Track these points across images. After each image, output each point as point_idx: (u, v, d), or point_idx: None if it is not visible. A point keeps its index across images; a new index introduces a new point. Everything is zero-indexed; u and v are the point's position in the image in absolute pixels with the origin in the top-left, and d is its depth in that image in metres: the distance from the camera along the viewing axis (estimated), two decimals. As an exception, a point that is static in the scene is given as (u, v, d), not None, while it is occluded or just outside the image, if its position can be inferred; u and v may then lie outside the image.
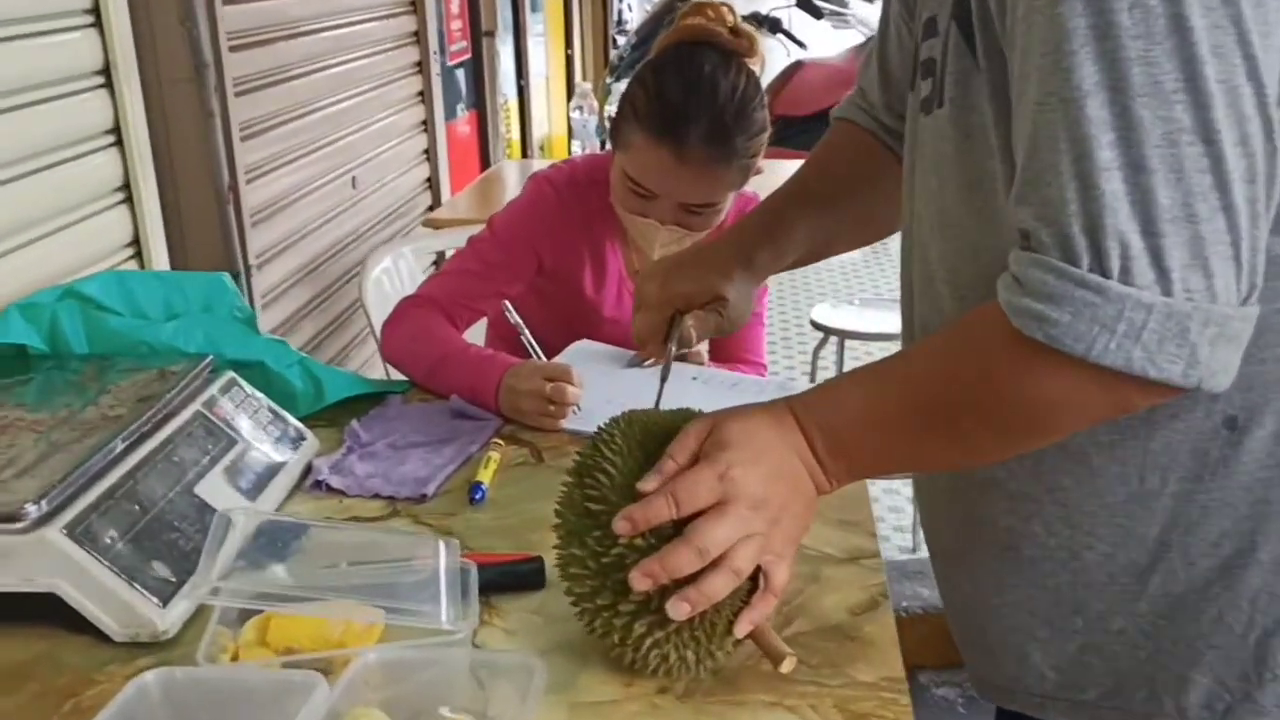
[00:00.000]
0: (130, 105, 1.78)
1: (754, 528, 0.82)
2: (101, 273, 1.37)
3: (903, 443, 0.84)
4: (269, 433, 1.23)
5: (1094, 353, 0.69)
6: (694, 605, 0.81)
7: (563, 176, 1.67)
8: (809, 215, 1.14)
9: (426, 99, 3.44)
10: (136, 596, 0.93)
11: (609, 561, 0.84)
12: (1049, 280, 0.69)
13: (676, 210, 1.53)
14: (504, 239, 1.64)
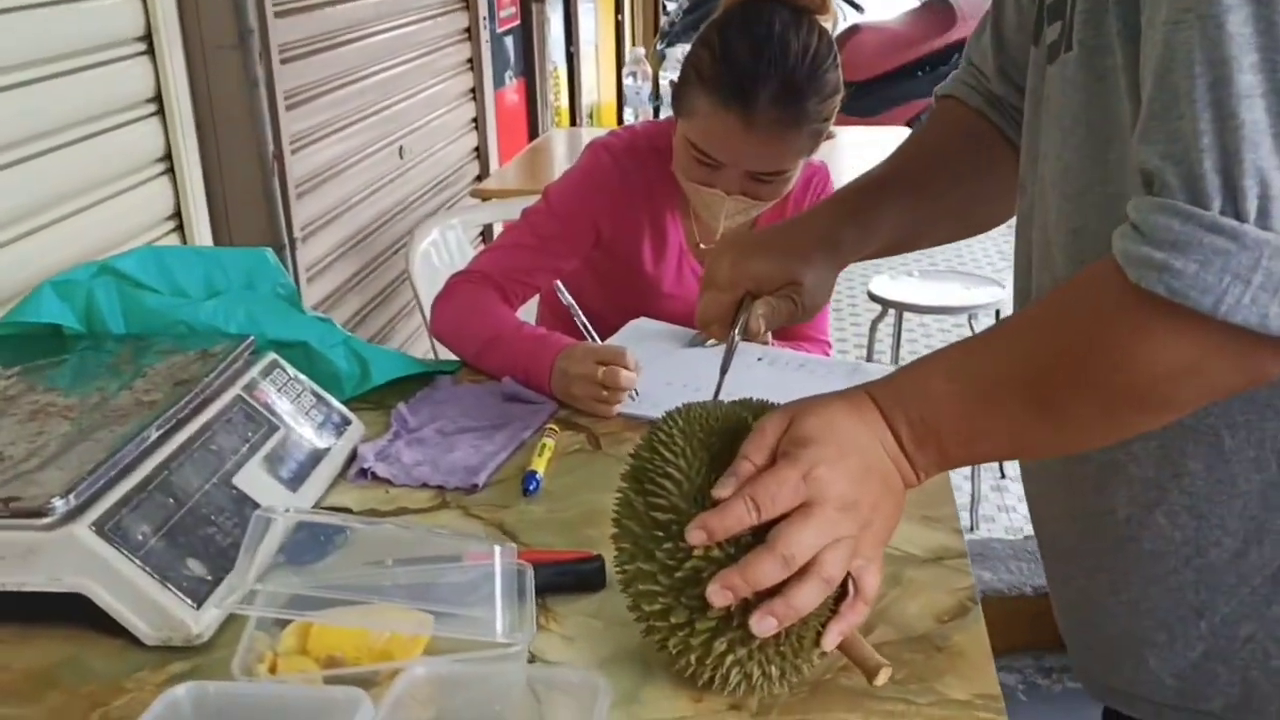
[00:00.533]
0: (172, 72, 1.73)
1: (843, 531, 0.74)
2: (139, 248, 1.31)
3: (999, 427, 0.76)
4: (312, 418, 1.16)
5: (1224, 308, 0.61)
6: (781, 620, 0.73)
7: (622, 144, 1.58)
8: (901, 200, 1.02)
9: (475, 66, 3.37)
10: (169, 598, 0.87)
11: (683, 576, 0.76)
12: (1174, 225, 0.61)
13: (743, 179, 1.45)
14: (560, 210, 1.56)
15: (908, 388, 0.78)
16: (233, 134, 2.02)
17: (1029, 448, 0.83)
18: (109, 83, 1.59)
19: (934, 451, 0.77)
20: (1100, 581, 0.86)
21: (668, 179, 1.55)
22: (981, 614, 0.92)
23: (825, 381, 1.35)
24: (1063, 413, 0.72)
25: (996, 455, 0.84)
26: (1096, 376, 0.69)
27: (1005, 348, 0.76)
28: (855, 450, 0.76)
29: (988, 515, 2.88)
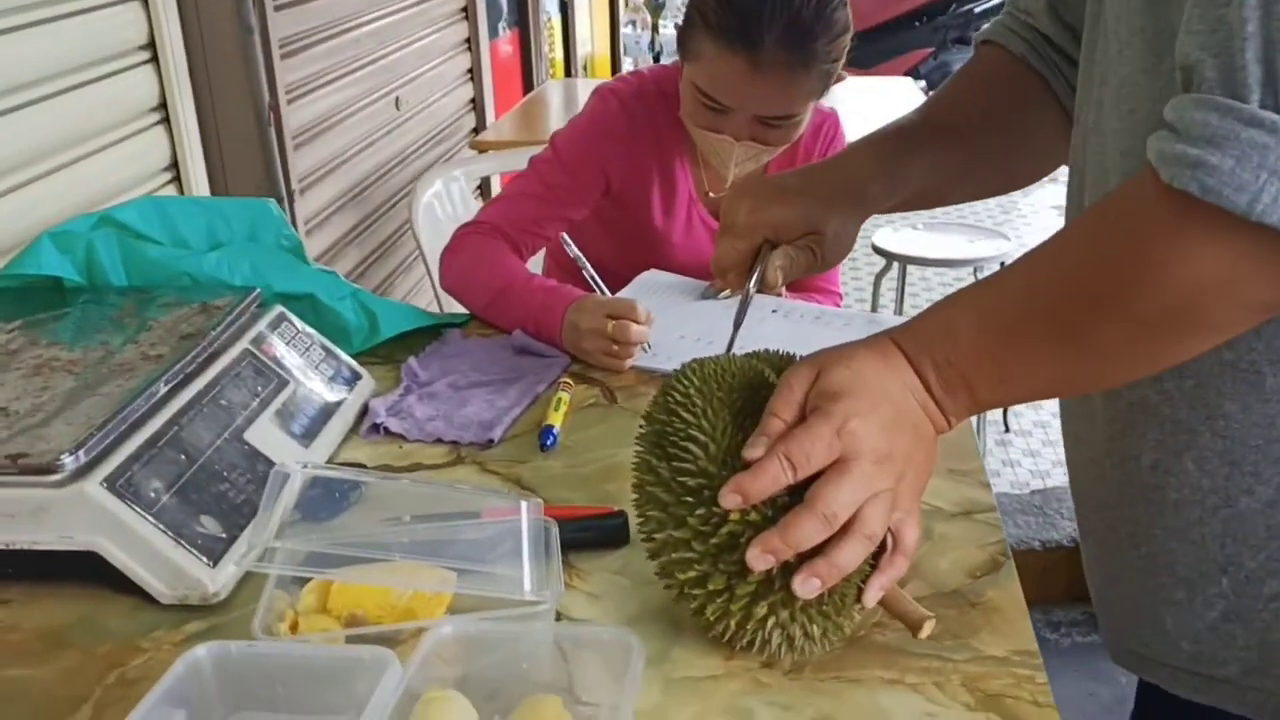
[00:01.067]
0: (165, 18, 1.68)
1: (880, 485, 0.72)
2: (139, 198, 1.27)
3: (1028, 363, 0.73)
4: (321, 372, 1.13)
5: (1260, 206, 0.57)
6: (825, 580, 0.71)
7: (629, 89, 1.54)
8: (932, 149, 0.97)
9: (470, 15, 3.31)
10: (184, 555, 0.84)
11: (719, 542, 0.73)
12: (1211, 120, 0.58)
13: (752, 124, 1.41)
14: (567, 158, 1.52)
15: (933, 329, 0.75)
16: (227, 83, 1.98)
17: (1059, 384, 0.78)
18: (100, 29, 1.54)
19: (964, 394, 0.75)
20: (1122, 534, 0.83)
21: (676, 125, 1.52)
22: (1014, 569, 0.91)
23: (841, 334, 1.32)
24: (1090, 341, 0.68)
25: (1028, 394, 0.77)
26: (1126, 294, 0.65)
27: (1030, 276, 0.73)
28: (886, 400, 0.73)
29: (993, 470, 2.88)
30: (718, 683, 0.78)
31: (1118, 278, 0.65)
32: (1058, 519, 2.37)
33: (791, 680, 0.78)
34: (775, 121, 1.42)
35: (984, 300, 0.75)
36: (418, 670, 0.71)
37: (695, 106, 1.43)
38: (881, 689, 0.78)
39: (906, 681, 0.78)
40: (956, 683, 0.78)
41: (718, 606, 0.75)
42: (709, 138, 1.44)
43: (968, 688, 0.78)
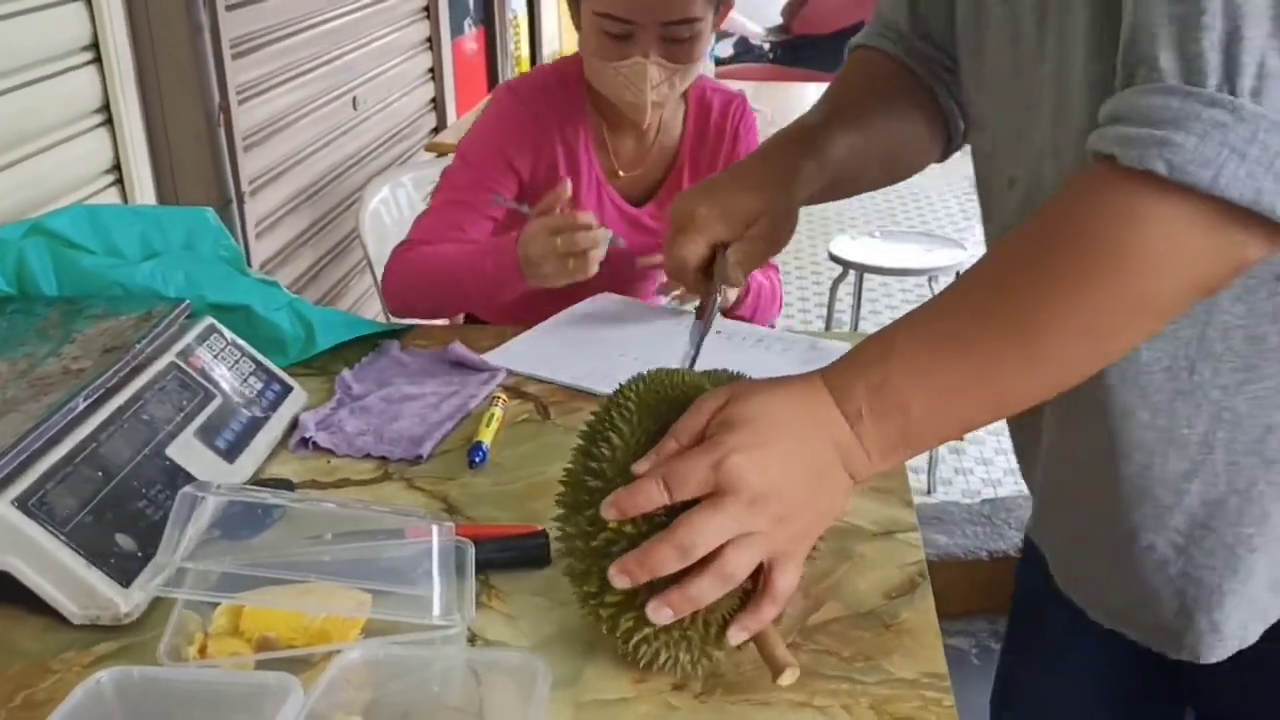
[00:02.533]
0: (110, 18, 1.66)
1: (752, 525, 0.71)
2: (72, 206, 1.26)
3: (974, 370, 0.69)
4: (251, 385, 1.13)
5: (1222, 180, 0.59)
6: (676, 610, 0.71)
7: (526, 84, 1.62)
8: (848, 132, 0.99)
9: (431, 14, 3.29)
10: (97, 576, 0.84)
11: (596, 546, 0.75)
12: (1171, 104, 0.60)
13: (658, 41, 1.47)
14: (476, 159, 1.58)
15: (869, 353, 0.73)
16: (176, 84, 1.96)
17: (1003, 396, 0.72)
18: (40, 30, 1.52)
19: (897, 419, 0.71)
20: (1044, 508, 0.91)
21: (578, 110, 1.58)
22: (930, 590, 0.92)
23: (781, 358, 1.33)
24: (1042, 339, 0.67)
25: (968, 412, 0.72)
26: (1082, 283, 0.65)
27: (973, 285, 0.71)
28: (782, 440, 0.72)
29: (945, 478, 2.89)
30: (628, 705, 0.79)
31: (1073, 268, 0.65)
32: (1005, 529, 2.39)
33: (701, 703, 0.79)
34: (678, 30, 1.47)
35: (924, 315, 0.73)
36: (322, 696, 0.71)
37: (600, 42, 1.48)
38: (790, 712, 0.78)
39: (815, 704, 0.79)
40: (865, 705, 0.79)
41: (590, 609, 0.77)
42: (621, 70, 1.49)
43: (876, 710, 0.79)
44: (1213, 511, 0.78)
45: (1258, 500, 0.77)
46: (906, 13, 1.00)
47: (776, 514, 0.71)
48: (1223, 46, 0.59)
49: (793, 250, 4.68)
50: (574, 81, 1.58)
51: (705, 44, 1.51)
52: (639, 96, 1.50)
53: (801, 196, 0.98)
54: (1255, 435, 0.75)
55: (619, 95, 1.53)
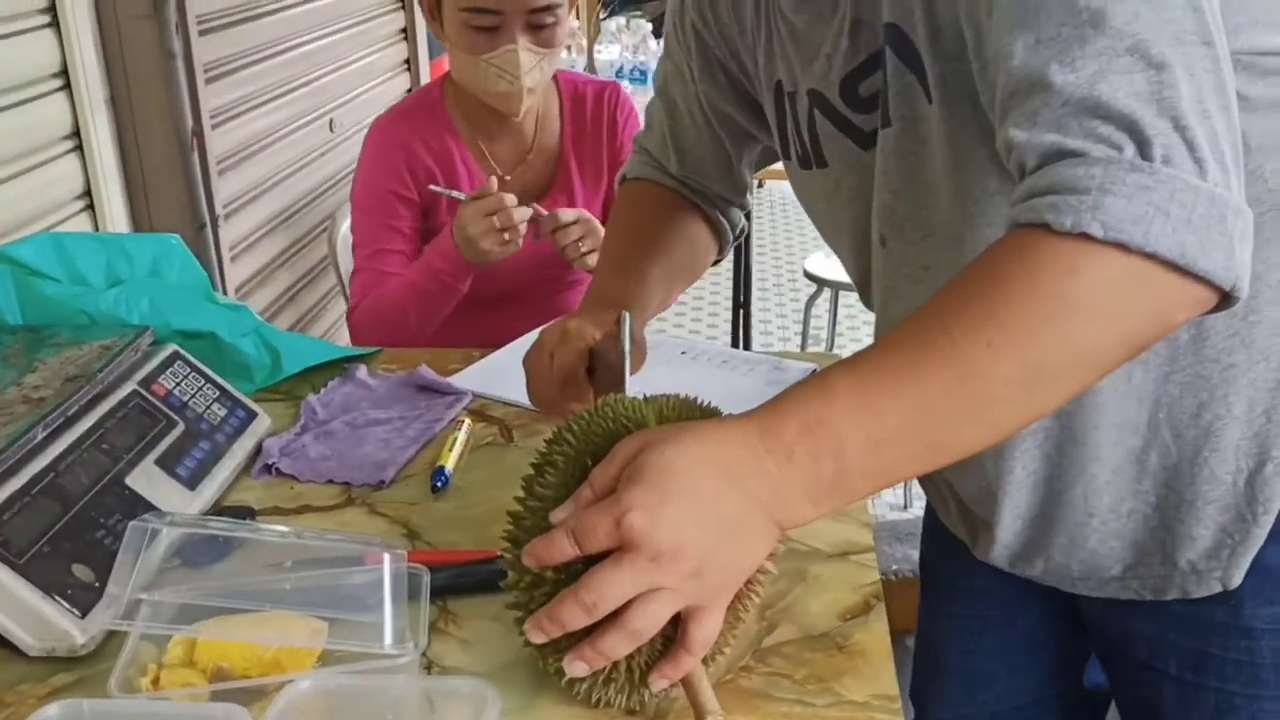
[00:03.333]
0: (79, 45, 1.67)
1: (658, 581, 0.70)
2: (37, 235, 1.26)
3: (912, 413, 0.69)
4: (214, 412, 1.13)
5: (1151, 237, 0.64)
6: (589, 663, 0.72)
7: (387, 117, 1.73)
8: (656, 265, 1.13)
9: (409, 36, 3.31)
10: (52, 607, 0.84)
11: (524, 587, 0.76)
12: (1095, 173, 0.66)
13: (526, 29, 1.56)
14: (369, 205, 1.67)
15: (807, 391, 0.73)
16: (149, 109, 1.97)
17: (940, 441, 0.73)
18: (7, 56, 1.53)
19: (831, 461, 0.70)
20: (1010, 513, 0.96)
21: (445, 129, 1.68)
22: (884, 612, 0.92)
23: (747, 379, 1.34)
24: (983, 388, 0.68)
25: (902, 457, 0.72)
26: (1025, 326, 0.67)
27: (915, 330, 0.71)
28: (687, 494, 0.70)
29: (920, 493, 2.90)
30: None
31: (1016, 318, 0.67)
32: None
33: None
34: (543, 17, 1.56)
35: (864, 359, 0.73)
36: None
37: (470, 38, 1.57)
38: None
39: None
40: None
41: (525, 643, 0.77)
42: (492, 61, 1.56)
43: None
44: (1170, 476, 0.90)
45: (1203, 464, 0.88)
46: (676, 161, 1.17)
47: (686, 569, 0.70)
48: (1126, 127, 0.66)
49: (768, 268, 4.70)
50: (436, 103, 1.69)
51: (565, 29, 1.61)
52: (514, 84, 1.58)
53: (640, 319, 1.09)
54: (1191, 411, 0.87)
55: (492, 88, 1.60)
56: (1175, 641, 0.96)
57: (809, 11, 0.91)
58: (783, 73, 0.97)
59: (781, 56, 0.96)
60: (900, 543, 2.49)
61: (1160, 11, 0.67)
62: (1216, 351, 0.86)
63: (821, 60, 0.91)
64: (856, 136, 0.92)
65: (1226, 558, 0.91)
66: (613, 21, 3.32)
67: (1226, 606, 0.93)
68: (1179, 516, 0.91)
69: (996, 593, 1.08)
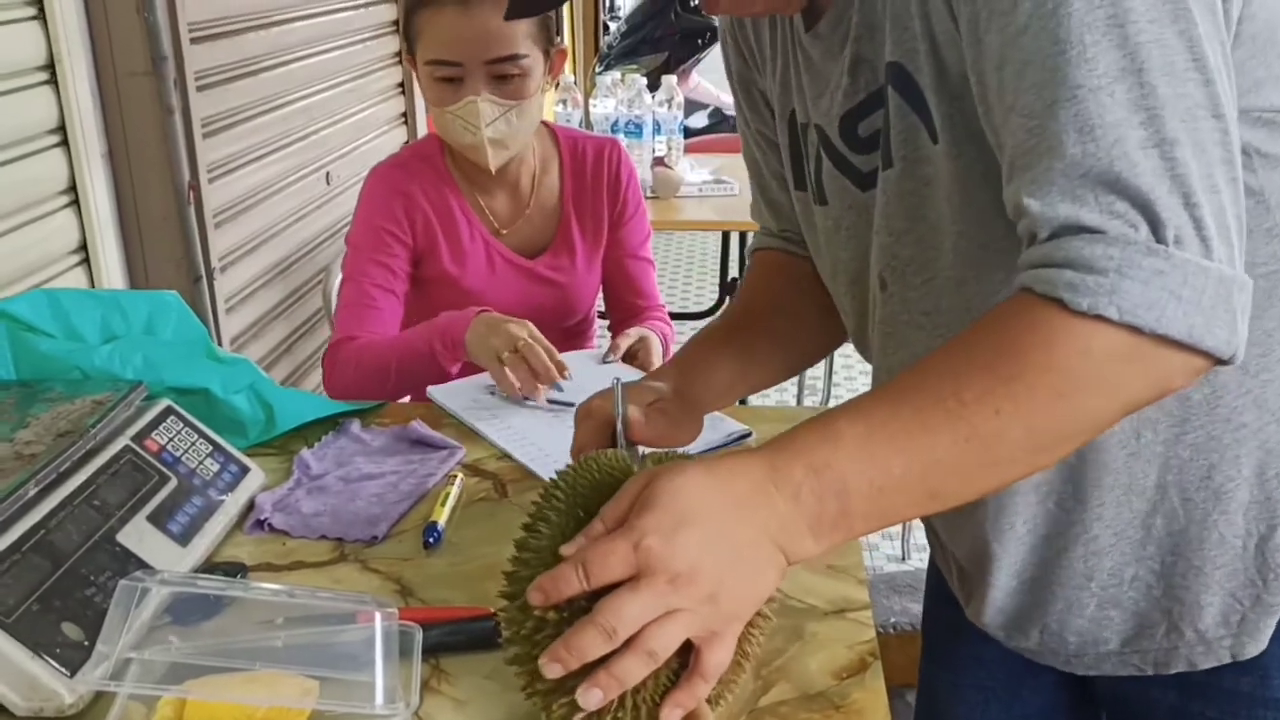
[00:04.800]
0: (76, 102, 1.68)
1: (675, 604, 0.71)
2: (31, 291, 1.26)
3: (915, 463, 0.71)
4: (207, 467, 1.13)
5: (1164, 321, 0.67)
6: (606, 691, 0.71)
7: (387, 165, 1.74)
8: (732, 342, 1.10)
9: (407, 90, 3.34)
10: (41, 667, 0.83)
11: (524, 634, 0.75)
12: (1114, 255, 0.68)
13: (487, 80, 1.57)
14: (362, 244, 1.66)
15: (812, 436, 0.74)
16: (146, 163, 1.98)
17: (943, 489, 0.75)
18: (4, 114, 1.54)
19: (834, 504, 0.72)
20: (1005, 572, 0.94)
21: (444, 180, 1.69)
22: (881, 670, 0.92)
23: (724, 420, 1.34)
24: (989, 446, 0.71)
25: (903, 503, 0.75)
26: (1036, 400, 0.70)
27: (923, 386, 0.73)
28: (700, 520, 0.72)
29: (920, 544, 2.89)
30: (575, 793, 0.78)
31: (1028, 390, 0.70)
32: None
33: (648, 790, 0.78)
34: (504, 68, 1.56)
35: (871, 405, 0.75)
36: (262, 788, 0.70)
37: (437, 91, 1.58)
38: (737, 797, 0.78)
39: (763, 789, 0.79)
40: (812, 790, 0.79)
41: (529, 694, 0.77)
42: (457, 115, 1.57)
43: (823, 795, 0.78)
44: (1178, 541, 0.88)
45: (1213, 528, 0.87)
46: (772, 217, 1.14)
47: (701, 593, 0.71)
48: (1139, 207, 0.68)
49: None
50: (436, 155, 1.70)
51: (536, 83, 1.61)
52: (476, 135, 1.58)
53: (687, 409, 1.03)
54: (1201, 473, 0.86)
55: (460, 140, 1.61)
56: (1200, 712, 0.93)
57: (821, 46, 0.91)
58: (797, 103, 0.97)
59: (797, 88, 0.96)
60: (898, 595, 2.47)
61: (1174, 86, 0.68)
62: (1229, 411, 0.84)
63: (827, 96, 0.92)
64: (854, 177, 0.92)
65: (1236, 625, 0.89)
66: (608, 76, 3.35)
67: (1253, 677, 0.90)
68: (1185, 583, 0.88)
69: (1000, 663, 1.04)
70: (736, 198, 3.08)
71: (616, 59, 5.70)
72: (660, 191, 3.06)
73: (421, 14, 1.56)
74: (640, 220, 1.80)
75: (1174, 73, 0.68)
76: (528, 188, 1.73)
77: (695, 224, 3.36)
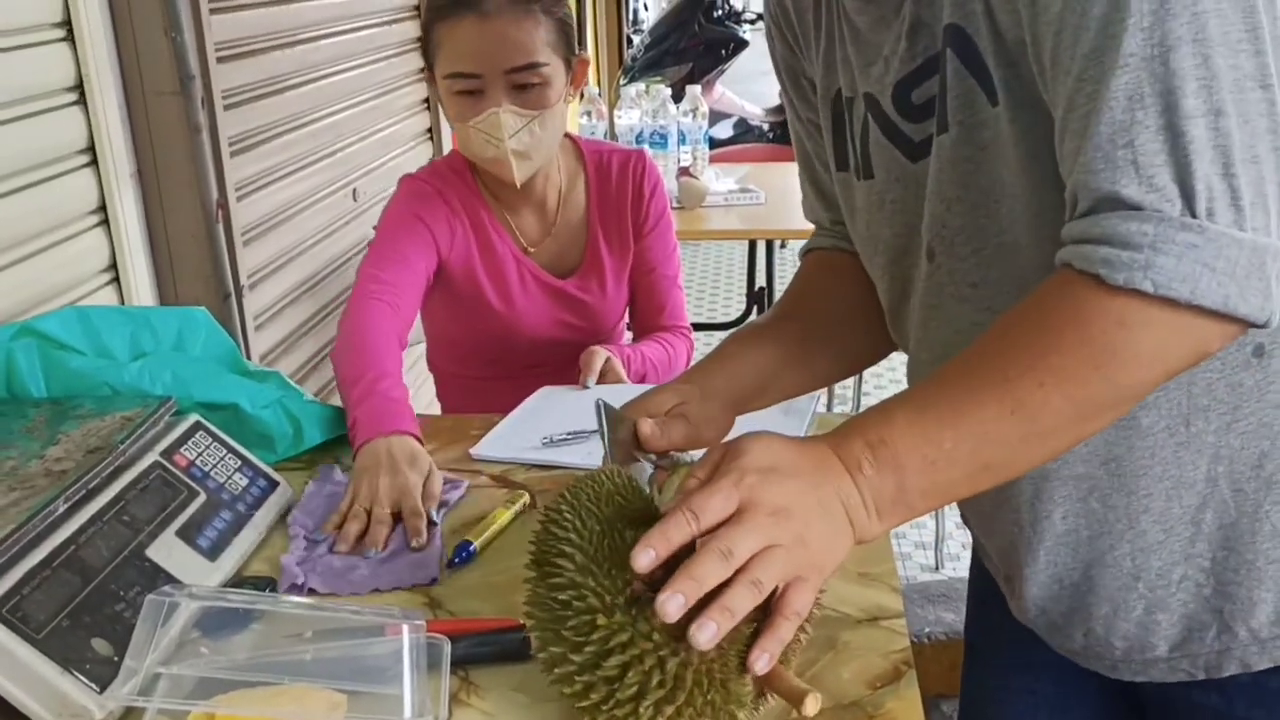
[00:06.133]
0: (105, 122, 1.69)
1: (777, 537, 0.74)
2: (62, 309, 1.27)
3: (965, 437, 0.75)
4: (236, 481, 1.13)
5: (1198, 293, 0.69)
6: (720, 625, 0.71)
7: (427, 171, 1.71)
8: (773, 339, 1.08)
9: (432, 106, 3.35)
10: (71, 683, 0.83)
11: (594, 650, 0.74)
12: (1148, 230, 0.69)
13: (508, 91, 1.54)
14: (398, 227, 1.62)
15: (869, 418, 0.80)
16: (174, 182, 1.99)
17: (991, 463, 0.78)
18: (35, 134, 1.55)
19: (892, 477, 0.76)
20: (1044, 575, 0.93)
21: (475, 195, 1.66)
22: (915, 678, 0.90)
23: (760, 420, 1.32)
24: (1034, 417, 0.74)
25: (956, 476, 0.77)
26: (1078, 373, 0.73)
27: (968, 367, 0.77)
28: (792, 468, 0.76)
29: (952, 554, 2.87)
30: (606, 806, 0.77)
31: (1069, 364, 0.73)
32: (1012, 604, 2.35)
33: (681, 803, 0.77)
34: (524, 77, 1.54)
35: (920, 390, 0.80)
36: (291, 803, 0.70)
37: (458, 105, 1.56)
38: (772, 809, 0.77)
39: (798, 801, 0.77)
40: (848, 801, 0.77)
41: (606, 715, 0.75)
42: (479, 128, 1.55)
43: (859, 806, 0.77)
44: (1229, 534, 0.86)
45: (1265, 519, 0.85)
46: (822, 208, 1.12)
47: (797, 530, 0.74)
48: (1177, 179, 0.69)
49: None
50: (464, 171, 1.68)
51: (558, 92, 1.58)
52: (499, 147, 1.55)
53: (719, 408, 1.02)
54: (1252, 462, 0.85)
55: (483, 154, 1.58)
56: (1245, 715, 0.90)
57: (872, 13, 0.90)
58: (843, 78, 0.96)
59: (842, 60, 0.95)
60: (932, 605, 2.44)
61: (1228, 57, 0.69)
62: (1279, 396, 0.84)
63: (880, 64, 0.91)
64: (904, 146, 0.91)
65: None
66: (632, 87, 3.35)
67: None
68: (1238, 579, 0.86)
69: (1049, 668, 1.01)
70: (763, 206, 3.07)
71: (641, 71, 5.71)
72: (686, 201, 3.06)
73: (440, 27, 1.55)
74: (664, 233, 1.76)
75: (1229, 43, 0.69)
76: (554, 205, 1.71)
77: (722, 233, 3.35)
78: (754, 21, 5.89)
